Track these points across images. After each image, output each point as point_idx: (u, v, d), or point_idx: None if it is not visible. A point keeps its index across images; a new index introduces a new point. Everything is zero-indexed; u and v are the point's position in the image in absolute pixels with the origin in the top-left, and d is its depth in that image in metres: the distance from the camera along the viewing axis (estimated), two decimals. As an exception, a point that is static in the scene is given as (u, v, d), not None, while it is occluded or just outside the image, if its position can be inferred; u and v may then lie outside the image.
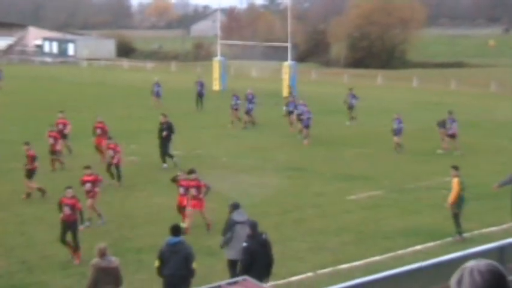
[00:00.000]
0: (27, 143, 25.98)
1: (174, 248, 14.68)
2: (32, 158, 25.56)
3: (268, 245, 15.70)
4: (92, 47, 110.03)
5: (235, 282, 10.62)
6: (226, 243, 16.70)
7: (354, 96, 44.34)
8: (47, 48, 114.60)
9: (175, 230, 14.90)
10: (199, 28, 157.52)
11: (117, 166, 27.10)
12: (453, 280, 3.86)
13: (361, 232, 21.78)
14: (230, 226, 16.61)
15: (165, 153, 30.83)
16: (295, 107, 39.49)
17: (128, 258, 18.50)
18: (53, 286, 17.33)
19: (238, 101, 42.68)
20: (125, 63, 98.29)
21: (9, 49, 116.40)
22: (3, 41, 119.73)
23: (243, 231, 16.09)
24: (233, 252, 16.41)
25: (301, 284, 17.45)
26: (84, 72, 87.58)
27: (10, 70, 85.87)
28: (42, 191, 25.39)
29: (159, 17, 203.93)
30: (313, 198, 26.06)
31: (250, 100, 42.51)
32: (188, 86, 54.62)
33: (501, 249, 12.18)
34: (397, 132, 34.78)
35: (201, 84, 49.74)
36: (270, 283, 16.16)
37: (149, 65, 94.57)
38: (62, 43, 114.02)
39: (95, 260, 13.88)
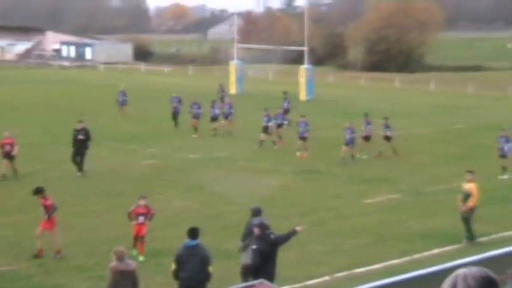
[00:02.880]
0: None
1: (191, 251, 14.48)
2: None
3: (277, 244, 15.55)
4: (109, 51, 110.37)
5: (251, 286, 10.62)
6: (244, 249, 16.41)
7: None
8: (64, 52, 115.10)
9: (193, 233, 14.67)
10: (217, 32, 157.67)
11: None
12: (445, 286, 3.81)
13: (378, 235, 21.73)
14: (249, 231, 16.25)
15: (80, 161, 29.40)
16: (283, 118, 37.80)
17: (146, 261, 18.55)
18: (71, 289, 17.40)
19: (200, 110, 40.72)
20: (143, 67, 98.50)
21: (27, 53, 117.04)
22: (21, 45, 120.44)
23: None
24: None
25: (318, 287, 17.42)
26: (101, 75, 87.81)
27: (28, 74, 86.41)
28: None
29: (177, 20, 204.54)
30: (329, 200, 26.03)
31: (215, 106, 40.88)
32: (205, 90, 54.62)
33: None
34: (349, 142, 32.76)
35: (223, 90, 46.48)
36: (287, 287, 16.15)
37: (166, 68, 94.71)
38: (80, 47, 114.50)
39: (113, 263, 13.93)
